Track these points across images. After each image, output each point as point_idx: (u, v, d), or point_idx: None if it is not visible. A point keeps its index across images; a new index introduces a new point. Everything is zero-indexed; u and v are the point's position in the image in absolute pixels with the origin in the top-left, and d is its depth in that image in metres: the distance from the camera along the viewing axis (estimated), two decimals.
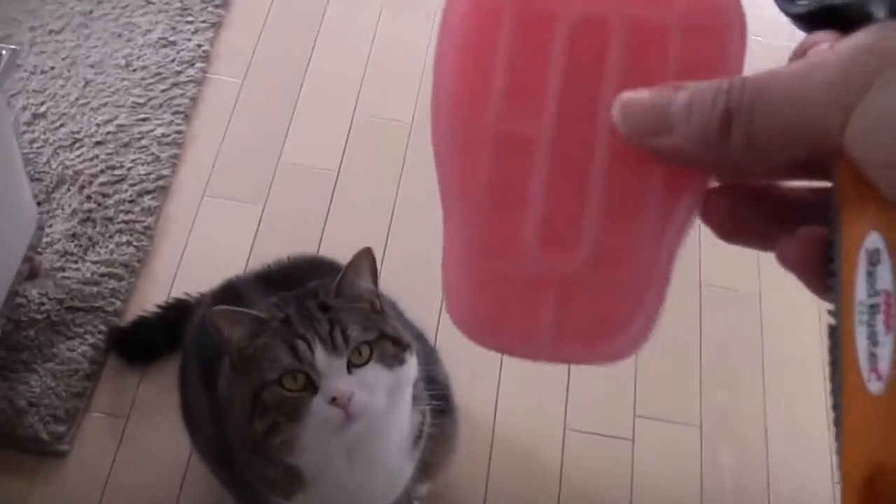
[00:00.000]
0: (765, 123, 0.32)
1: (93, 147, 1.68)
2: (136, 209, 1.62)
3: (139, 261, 1.58)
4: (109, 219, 1.61)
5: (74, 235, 1.58)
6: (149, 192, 1.65)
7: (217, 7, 1.90)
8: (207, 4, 1.90)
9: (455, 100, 0.36)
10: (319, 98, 1.82)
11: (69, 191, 1.63)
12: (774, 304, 1.59)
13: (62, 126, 1.71)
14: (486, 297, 0.36)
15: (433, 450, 1.13)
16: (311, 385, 0.94)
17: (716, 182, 0.37)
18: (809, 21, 0.37)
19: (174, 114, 1.74)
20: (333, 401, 0.93)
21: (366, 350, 0.95)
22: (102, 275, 1.54)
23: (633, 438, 1.43)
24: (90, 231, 1.59)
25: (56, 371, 1.44)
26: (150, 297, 1.53)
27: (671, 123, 0.34)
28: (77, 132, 1.70)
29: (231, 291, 1.18)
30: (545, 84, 0.36)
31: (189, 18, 1.88)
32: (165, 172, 1.68)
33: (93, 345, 1.47)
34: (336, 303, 0.98)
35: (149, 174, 1.67)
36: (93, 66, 1.79)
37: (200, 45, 1.84)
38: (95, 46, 1.82)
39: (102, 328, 1.49)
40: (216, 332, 0.95)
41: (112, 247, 1.58)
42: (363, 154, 1.75)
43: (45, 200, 1.62)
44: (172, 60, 1.81)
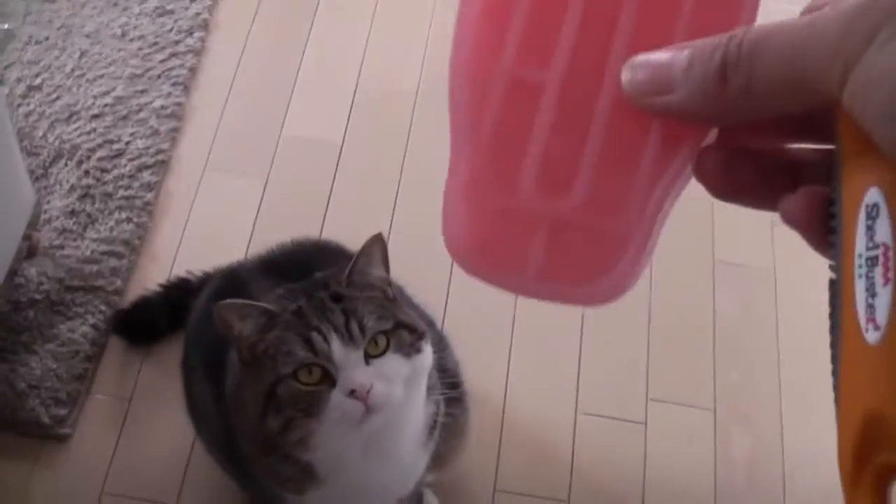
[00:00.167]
0: (763, 74, 0.32)
1: (90, 120, 1.64)
2: (136, 184, 1.58)
3: (139, 238, 1.54)
4: (108, 195, 1.57)
5: (73, 212, 1.55)
6: (148, 167, 1.60)
7: None
8: None
9: (475, 42, 0.38)
10: (322, 69, 1.77)
11: (66, 165, 1.59)
12: (789, 281, 1.55)
13: (58, 99, 1.66)
14: (480, 228, 0.38)
15: (445, 440, 1.11)
16: (328, 378, 0.91)
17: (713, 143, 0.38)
18: None
19: (173, 85, 1.70)
20: (352, 393, 0.90)
21: (382, 340, 0.93)
22: (102, 253, 1.51)
23: (646, 422, 1.41)
24: (89, 208, 1.55)
25: (56, 353, 1.41)
26: (152, 276, 1.50)
27: (673, 82, 0.35)
28: (74, 105, 1.65)
29: (235, 280, 1.15)
30: (560, 35, 0.37)
31: None
32: (165, 146, 1.63)
33: (93, 325, 1.44)
34: (349, 292, 0.95)
35: (148, 148, 1.62)
36: (88, 36, 1.74)
37: (199, 14, 1.78)
38: (91, 15, 1.76)
39: (103, 308, 1.46)
40: (225, 328, 0.92)
41: (112, 224, 1.54)
42: (367, 126, 1.71)
43: (43, 176, 1.58)
44: (170, 30, 1.76)
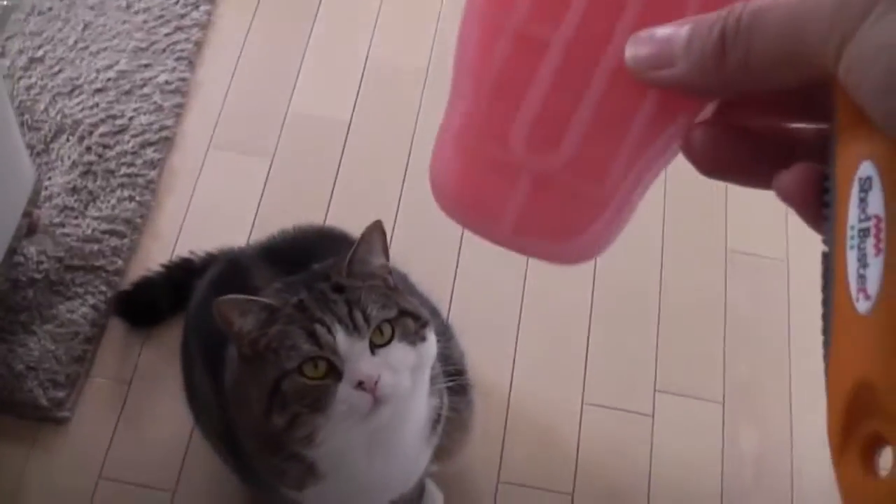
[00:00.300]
0: (761, 48, 0.33)
1: (92, 95, 1.61)
2: (139, 162, 1.55)
3: (142, 217, 1.51)
4: (111, 172, 1.54)
5: (74, 189, 1.52)
6: (151, 144, 1.57)
7: None
8: None
9: None
10: (331, 44, 1.73)
11: (68, 141, 1.56)
12: (802, 272, 1.52)
13: (60, 72, 1.63)
14: (466, 172, 0.39)
15: (448, 434, 1.08)
16: (334, 371, 0.88)
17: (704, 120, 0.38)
18: None
19: (178, 60, 1.66)
20: (359, 385, 0.87)
21: (387, 329, 0.90)
22: (104, 232, 1.48)
23: (653, 414, 1.38)
24: (90, 185, 1.53)
25: (55, 334, 1.39)
26: (154, 256, 1.47)
27: (674, 57, 0.35)
28: (76, 78, 1.62)
29: (235, 267, 1.12)
30: None
31: None
32: (169, 123, 1.60)
33: (93, 306, 1.42)
34: (350, 282, 0.92)
35: (151, 124, 1.59)
36: (92, 8, 1.70)
37: None
38: None
39: (103, 288, 1.43)
40: (225, 324, 0.89)
41: (113, 202, 1.51)
42: (376, 104, 1.67)
43: (44, 151, 1.55)
44: (176, 2, 1.72)
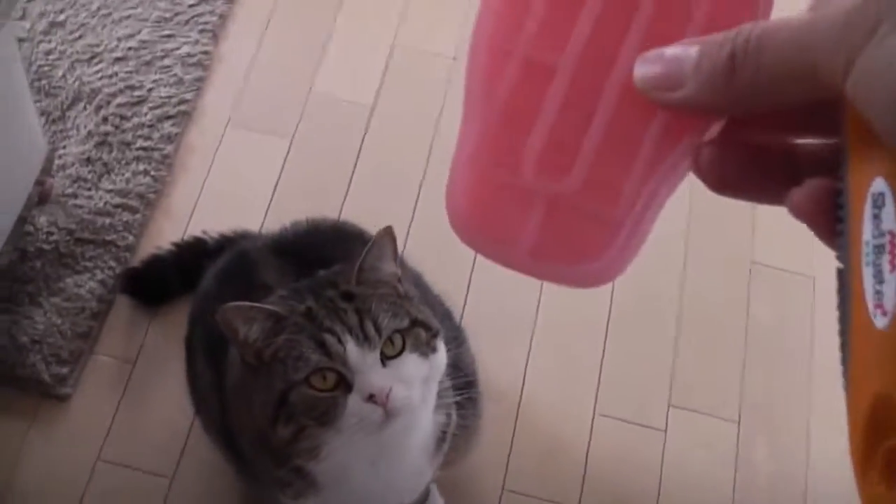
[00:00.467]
0: (771, 67, 0.33)
1: (112, 63, 1.57)
2: (156, 135, 1.52)
3: (156, 192, 1.48)
4: (127, 144, 1.51)
5: (89, 160, 1.49)
6: (170, 118, 1.54)
7: None
8: None
9: (497, 19, 0.39)
10: (358, 24, 1.69)
11: (85, 109, 1.53)
12: (828, 290, 1.47)
13: (81, 38, 1.59)
14: (481, 198, 0.39)
15: (455, 446, 1.05)
16: (344, 383, 0.85)
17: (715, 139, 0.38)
18: None
19: (201, 32, 1.62)
20: (370, 398, 0.84)
21: (398, 340, 0.87)
22: (116, 205, 1.45)
23: (666, 429, 1.34)
24: (105, 156, 1.49)
25: (61, 307, 1.36)
26: (165, 234, 1.44)
27: (684, 75, 0.35)
28: (96, 45, 1.59)
29: (243, 261, 1.09)
30: (578, 21, 0.38)
31: None
32: (188, 97, 1.56)
33: (101, 281, 1.39)
34: (360, 290, 0.89)
35: (170, 97, 1.56)
36: None
37: None
38: None
39: (112, 264, 1.41)
40: (230, 333, 0.86)
41: (128, 175, 1.48)
42: (401, 88, 1.63)
43: (60, 119, 1.52)
44: None
